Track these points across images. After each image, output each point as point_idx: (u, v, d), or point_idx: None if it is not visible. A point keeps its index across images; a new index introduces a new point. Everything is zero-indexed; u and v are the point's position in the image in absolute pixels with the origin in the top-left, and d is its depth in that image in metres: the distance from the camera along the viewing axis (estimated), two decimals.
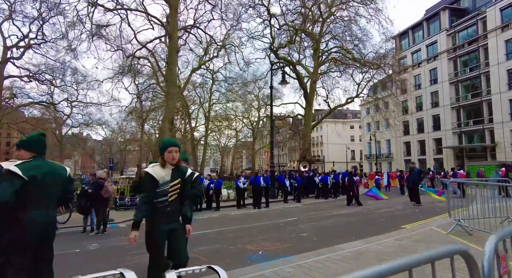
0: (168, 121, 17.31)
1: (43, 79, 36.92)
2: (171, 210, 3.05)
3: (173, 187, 3.05)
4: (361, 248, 5.62)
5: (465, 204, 7.33)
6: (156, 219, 3.01)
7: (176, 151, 3.08)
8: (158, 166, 3.08)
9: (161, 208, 3.01)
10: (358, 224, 8.91)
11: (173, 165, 3.08)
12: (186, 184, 3.18)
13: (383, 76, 29.61)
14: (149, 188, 3.00)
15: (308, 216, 10.89)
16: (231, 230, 8.29)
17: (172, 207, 3.06)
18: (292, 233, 7.67)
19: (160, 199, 3.01)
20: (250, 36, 26.85)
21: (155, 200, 3.00)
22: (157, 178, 2.99)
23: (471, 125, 35.10)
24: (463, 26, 36.97)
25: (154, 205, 2.99)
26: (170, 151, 3.05)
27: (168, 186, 3.02)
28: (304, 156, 27.32)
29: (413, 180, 13.35)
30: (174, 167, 3.09)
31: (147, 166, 3.83)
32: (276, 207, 14.30)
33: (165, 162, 3.08)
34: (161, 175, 3.02)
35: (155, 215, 3.01)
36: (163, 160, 3.09)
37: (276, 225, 9.05)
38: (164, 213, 3.02)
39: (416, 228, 7.79)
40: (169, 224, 3.04)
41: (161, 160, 3.11)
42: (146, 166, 8.49)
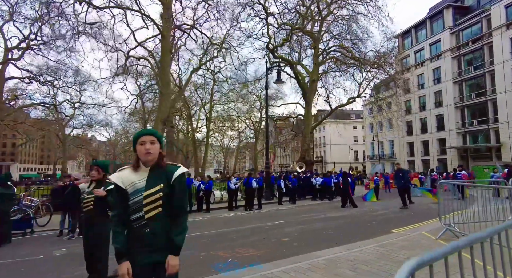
0: (161, 121, 17.02)
1: (44, 81, 36.99)
2: (151, 233, 2.03)
3: (151, 198, 2.04)
4: (338, 256, 5.21)
5: (458, 207, 6.89)
6: (132, 246, 2.06)
7: (152, 141, 2.11)
8: (129, 168, 2.18)
9: (137, 229, 2.05)
10: (346, 228, 8.48)
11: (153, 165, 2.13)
12: (176, 191, 2.11)
13: (385, 75, 29.05)
14: (116, 201, 2.14)
15: (297, 218, 10.47)
16: (211, 234, 7.92)
17: (153, 228, 2.03)
18: (274, 237, 7.28)
19: (135, 216, 2.05)
20: (248, 35, 26.55)
21: (130, 219, 2.08)
22: (123, 186, 2.09)
23: (476, 125, 34.36)
24: (467, 24, 36.27)
25: (129, 226, 2.09)
26: (143, 142, 2.10)
27: (141, 196, 2.04)
28: (303, 156, 26.86)
29: (405, 181, 12.83)
30: (152, 167, 2.13)
31: None
32: (269, 209, 13.90)
33: (138, 161, 2.15)
34: (130, 180, 2.10)
35: (130, 241, 2.08)
36: (137, 158, 2.16)
37: (261, 228, 8.65)
38: (141, 238, 2.04)
39: (405, 233, 7.34)
40: (152, 254, 2.03)
41: (134, 160, 2.19)
42: None
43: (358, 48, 27.23)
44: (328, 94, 33.40)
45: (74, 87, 40.04)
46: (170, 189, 2.08)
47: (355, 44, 25.80)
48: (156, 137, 2.14)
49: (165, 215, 2.07)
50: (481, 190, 7.33)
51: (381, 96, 32.75)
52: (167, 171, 2.12)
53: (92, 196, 3.70)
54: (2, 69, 32.79)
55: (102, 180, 3.83)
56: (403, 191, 12.71)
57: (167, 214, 2.08)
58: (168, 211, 2.08)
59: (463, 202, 7.03)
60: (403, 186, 12.78)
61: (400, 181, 12.86)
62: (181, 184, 2.13)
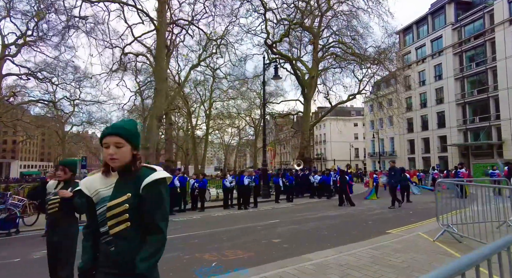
0: (157, 118, 16.73)
1: (42, 78, 36.68)
2: (117, 252, 1.61)
3: (115, 210, 1.61)
4: (329, 259, 4.92)
5: (457, 207, 6.57)
6: (99, 265, 1.69)
7: (118, 144, 1.63)
8: (99, 173, 1.77)
9: (103, 246, 1.66)
10: (341, 228, 8.19)
11: (122, 169, 1.68)
12: (146, 203, 1.62)
13: (386, 72, 28.65)
14: (88, 212, 1.78)
15: (292, 218, 10.19)
16: (200, 235, 7.64)
17: (119, 247, 1.61)
18: (264, 238, 6.99)
19: (102, 230, 1.65)
20: (247, 31, 26.18)
21: (99, 232, 1.69)
22: (88, 193, 1.72)
23: (477, 122, 33.94)
24: (469, 20, 35.76)
25: (99, 240, 1.71)
26: (106, 144, 1.65)
27: (105, 208, 1.64)
28: (302, 154, 26.56)
29: (396, 180, 12.51)
30: (122, 172, 1.69)
31: None
32: (264, 208, 13.63)
33: (107, 164, 1.71)
34: (95, 187, 1.71)
35: (100, 258, 1.71)
36: (105, 162, 1.72)
37: (253, 228, 8.37)
38: (106, 257, 1.65)
39: (402, 234, 7.06)
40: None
41: (103, 163, 1.76)
42: None
43: (358, 44, 26.85)
44: (328, 91, 33.17)
45: (72, 84, 39.64)
46: (139, 200, 1.62)
47: (354, 39, 25.41)
48: (124, 138, 1.64)
49: (136, 232, 1.61)
50: (481, 189, 7.05)
51: (382, 93, 32.41)
52: (140, 177, 1.64)
53: (57, 197, 3.42)
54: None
55: (69, 180, 3.54)
56: (393, 190, 12.39)
57: (139, 230, 1.62)
58: (135, 226, 1.62)
59: (462, 201, 6.71)
60: (393, 185, 12.46)
61: (390, 180, 12.56)
62: (153, 194, 1.61)
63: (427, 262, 4.71)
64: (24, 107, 47.79)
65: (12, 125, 40.42)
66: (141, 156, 1.72)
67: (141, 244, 1.60)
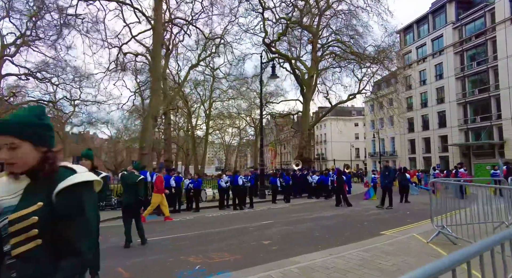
0: (152, 117, 16.57)
1: (41, 77, 36.62)
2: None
3: (19, 225, 1.22)
4: (317, 262, 4.75)
5: (454, 207, 6.37)
6: None
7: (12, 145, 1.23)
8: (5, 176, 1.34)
9: (3, 271, 1.25)
10: (335, 229, 8.01)
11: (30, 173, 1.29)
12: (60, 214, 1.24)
13: (386, 71, 28.41)
14: None
15: (286, 218, 10.01)
16: (189, 236, 7.47)
17: (22, 272, 1.22)
18: (254, 240, 6.82)
19: (5, 249, 1.24)
20: (245, 30, 26.03)
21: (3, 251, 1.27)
22: None
23: (478, 122, 33.65)
24: (470, 19, 35.46)
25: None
26: None
27: (5, 221, 1.24)
28: (301, 154, 26.38)
29: (389, 180, 12.21)
30: (31, 175, 1.29)
31: None
32: (260, 208, 13.46)
33: None
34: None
35: None
36: None
37: (245, 229, 8.20)
38: None
39: (396, 235, 6.88)
40: None
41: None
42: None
43: (358, 43, 26.65)
44: (328, 90, 32.97)
45: (71, 84, 39.44)
46: (52, 212, 1.23)
47: (352, 37, 25.20)
48: (15, 135, 1.23)
49: (49, 253, 1.23)
50: (481, 189, 6.86)
51: (382, 92, 32.22)
52: (56, 182, 1.25)
53: None
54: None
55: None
56: (386, 190, 12.05)
57: (53, 251, 1.24)
58: (48, 247, 1.23)
59: (459, 201, 6.51)
60: (386, 186, 12.09)
61: (384, 180, 12.19)
62: (69, 202, 1.24)
63: (418, 265, 4.51)
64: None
65: None
66: (54, 155, 1.31)
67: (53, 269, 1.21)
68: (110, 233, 8.09)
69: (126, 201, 6.86)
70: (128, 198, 6.85)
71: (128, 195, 6.88)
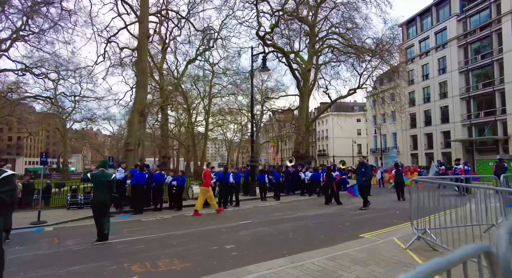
0: (138, 112, 16.01)
1: (38, 73, 36.22)
2: None
3: None
4: (272, 272, 4.14)
5: (440, 208, 5.69)
6: None
7: None
8: None
9: None
10: (312, 231, 7.39)
11: None
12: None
13: (386, 66, 27.48)
14: None
15: (266, 218, 9.41)
16: (150, 239, 6.90)
17: None
18: (218, 244, 6.22)
19: None
20: (240, 22, 25.26)
21: None
22: None
23: (482, 117, 32.64)
24: (475, 10, 34.31)
25: None
26: None
27: None
28: (297, 150, 25.75)
29: (368, 177, 11.24)
30: None
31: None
32: (246, 206, 12.87)
33: None
34: None
35: None
36: None
37: (215, 231, 7.61)
38: None
39: (375, 239, 6.24)
40: None
41: None
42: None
43: (356, 35, 25.81)
44: (327, 85, 32.20)
45: (69, 80, 38.93)
46: None
47: (348, 29, 24.33)
48: None
49: None
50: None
51: (384, 87, 31.39)
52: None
53: None
54: None
55: None
56: (364, 188, 11.13)
57: None
58: None
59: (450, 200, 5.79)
60: (363, 183, 11.09)
61: (361, 177, 11.08)
62: None
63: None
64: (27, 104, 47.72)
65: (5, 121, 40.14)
66: None
67: None
68: (70, 234, 7.59)
69: (99, 199, 6.96)
70: (100, 196, 6.97)
71: (101, 193, 6.99)
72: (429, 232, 5.62)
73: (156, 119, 41.10)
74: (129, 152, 15.68)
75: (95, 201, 7.85)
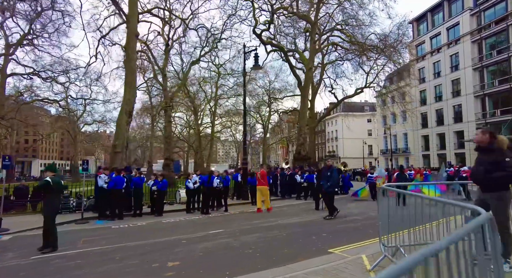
0: (126, 113, 15.50)
1: (45, 77, 36.54)
2: None
3: None
4: None
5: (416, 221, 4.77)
6: None
7: None
8: None
9: None
10: (277, 244, 6.54)
11: None
12: None
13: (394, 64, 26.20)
14: None
15: (242, 226, 8.63)
16: (99, 252, 6.23)
17: None
18: (163, 260, 5.47)
19: None
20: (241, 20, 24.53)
21: None
22: None
23: (498, 115, 30.89)
24: (490, 3, 32.59)
25: None
26: None
27: None
28: (299, 151, 24.81)
29: (334, 182, 9.90)
30: None
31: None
32: (233, 212, 12.15)
33: None
34: None
35: None
36: None
37: (174, 243, 6.88)
38: None
39: (344, 255, 5.39)
40: None
41: None
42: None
43: (361, 32, 24.73)
44: (332, 84, 31.19)
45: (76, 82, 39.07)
46: None
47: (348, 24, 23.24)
48: None
49: None
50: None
51: (393, 87, 30.17)
52: None
53: None
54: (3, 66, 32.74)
55: None
56: (329, 195, 9.86)
57: None
58: None
59: (421, 213, 4.88)
60: (328, 189, 9.82)
61: (326, 181, 9.81)
62: None
63: None
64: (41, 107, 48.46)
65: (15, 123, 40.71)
66: None
67: None
68: (21, 244, 7.01)
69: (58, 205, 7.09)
70: (59, 202, 7.18)
71: (59, 199, 7.18)
72: (402, 251, 4.75)
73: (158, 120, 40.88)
74: (116, 154, 15.17)
75: (57, 207, 7.54)
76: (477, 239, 2.26)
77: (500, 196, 3.89)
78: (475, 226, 2.24)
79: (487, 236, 2.45)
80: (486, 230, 2.39)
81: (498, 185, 3.88)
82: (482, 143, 4.12)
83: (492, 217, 2.37)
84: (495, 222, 2.34)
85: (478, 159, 4.21)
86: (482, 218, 2.31)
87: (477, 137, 4.18)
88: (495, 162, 3.85)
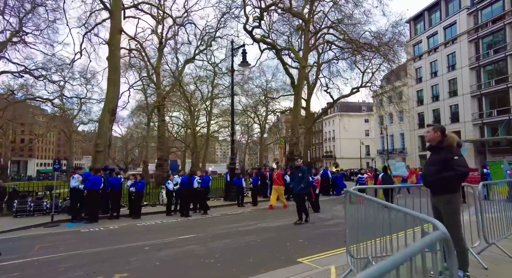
0: (109, 111, 14.97)
1: (38, 75, 35.99)
2: None
3: None
4: None
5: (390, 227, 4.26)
6: None
7: None
8: None
9: None
10: (247, 251, 6.02)
11: None
12: None
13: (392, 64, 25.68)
14: None
15: (217, 231, 8.11)
16: (48, 261, 5.72)
17: None
18: (112, 270, 4.96)
19: None
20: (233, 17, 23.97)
21: None
22: None
23: (495, 116, 30.40)
24: (487, 2, 32.09)
25: None
26: None
27: None
28: (291, 151, 24.27)
29: (306, 184, 9.02)
30: None
31: None
32: (214, 214, 11.60)
33: None
34: None
35: None
36: None
37: (135, 250, 6.36)
38: None
39: (313, 266, 4.88)
40: None
41: None
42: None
43: (356, 30, 24.25)
44: (327, 83, 30.77)
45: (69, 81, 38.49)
46: None
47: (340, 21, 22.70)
48: None
49: None
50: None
51: (389, 86, 29.69)
52: None
53: None
54: None
55: None
56: (301, 198, 9.07)
57: None
58: None
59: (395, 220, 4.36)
60: (301, 192, 9.02)
61: (298, 184, 9.00)
62: None
63: None
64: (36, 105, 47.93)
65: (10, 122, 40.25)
66: None
67: None
68: None
69: None
70: None
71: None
72: (374, 263, 4.22)
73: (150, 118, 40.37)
74: (99, 154, 14.64)
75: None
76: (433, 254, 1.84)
77: (449, 200, 3.49)
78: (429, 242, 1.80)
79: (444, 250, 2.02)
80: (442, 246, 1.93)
81: (448, 187, 3.47)
82: (433, 142, 3.65)
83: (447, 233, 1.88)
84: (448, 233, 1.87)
85: (429, 159, 3.75)
86: (435, 235, 1.82)
87: (428, 135, 3.69)
88: (444, 160, 3.43)
